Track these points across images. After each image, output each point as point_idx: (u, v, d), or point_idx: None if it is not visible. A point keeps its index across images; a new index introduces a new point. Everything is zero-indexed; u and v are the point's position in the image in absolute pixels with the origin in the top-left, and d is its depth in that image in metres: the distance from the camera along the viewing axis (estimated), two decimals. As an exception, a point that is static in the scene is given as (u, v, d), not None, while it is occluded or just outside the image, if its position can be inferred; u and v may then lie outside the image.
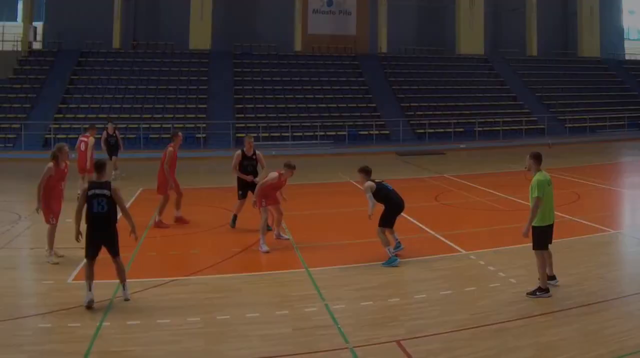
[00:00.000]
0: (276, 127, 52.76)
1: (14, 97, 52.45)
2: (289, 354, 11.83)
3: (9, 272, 17.31)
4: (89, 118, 49.29)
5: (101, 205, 14.26)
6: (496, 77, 65.86)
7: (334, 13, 67.39)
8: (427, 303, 14.29)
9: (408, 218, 23.11)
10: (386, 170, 37.41)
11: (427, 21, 70.49)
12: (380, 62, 64.49)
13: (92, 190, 14.31)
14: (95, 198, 14.24)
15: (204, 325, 13.26)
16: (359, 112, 56.21)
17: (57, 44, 60.18)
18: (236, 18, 65.08)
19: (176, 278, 16.28)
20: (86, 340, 12.20)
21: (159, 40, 62.09)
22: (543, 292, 14.72)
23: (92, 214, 14.26)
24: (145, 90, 55.18)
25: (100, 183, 14.43)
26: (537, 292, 14.73)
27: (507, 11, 71.24)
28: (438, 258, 18.19)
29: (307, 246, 19.73)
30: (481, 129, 55.85)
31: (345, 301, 14.47)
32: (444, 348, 11.85)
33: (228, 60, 61.00)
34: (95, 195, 14.25)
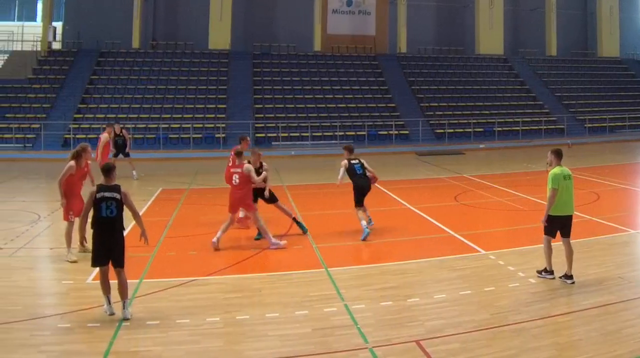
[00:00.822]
0: (295, 127, 52.64)
1: (33, 97, 52.47)
2: (308, 354, 11.84)
3: (28, 271, 17.35)
4: (109, 118, 49.44)
5: (110, 209, 13.68)
6: (515, 77, 65.60)
7: (353, 13, 67.14)
8: (446, 303, 14.29)
9: (427, 218, 23.27)
10: (406, 170, 37.69)
11: (446, 21, 70.43)
12: (400, 62, 64.29)
13: (100, 193, 13.75)
14: (104, 202, 13.67)
15: (223, 325, 13.30)
16: (378, 112, 56.08)
17: (76, 43, 60.30)
18: (256, 18, 65.17)
19: (195, 278, 16.30)
20: (105, 340, 12.24)
21: (178, 40, 62.14)
22: (548, 273, 15.85)
23: (100, 218, 13.67)
24: (165, 90, 55.18)
25: (110, 187, 13.89)
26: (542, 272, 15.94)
27: (527, 11, 71.12)
28: (457, 258, 18.14)
29: (326, 246, 19.73)
30: (500, 129, 55.70)
31: (364, 301, 14.46)
32: (464, 348, 11.85)
33: (247, 60, 60.94)
34: (105, 198, 13.70)
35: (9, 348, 11.95)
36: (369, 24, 67.44)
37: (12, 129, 48.44)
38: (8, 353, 11.75)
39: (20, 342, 12.22)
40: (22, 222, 23.32)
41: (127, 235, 19.24)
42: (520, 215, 23.42)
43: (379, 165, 38.47)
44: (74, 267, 17.51)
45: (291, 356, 11.72)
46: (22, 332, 12.67)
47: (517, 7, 71.30)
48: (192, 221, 23.24)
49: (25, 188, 31.97)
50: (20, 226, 22.57)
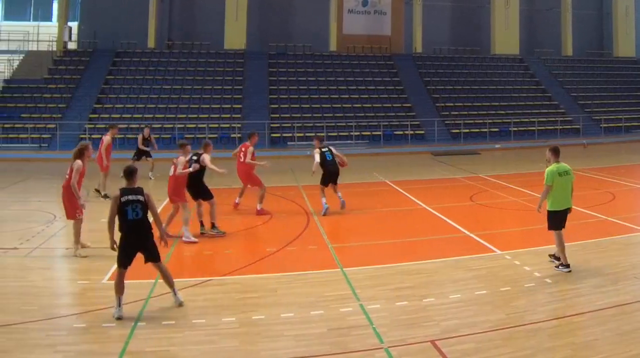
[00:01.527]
0: (311, 127, 52.53)
1: (49, 97, 52.59)
2: (324, 354, 11.86)
3: (44, 272, 17.38)
4: (124, 118, 49.75)
5: (135, 212, 13.89)
6: (531, 77, 65.51)
7: (369, 13, 67.13)
8: (462, 303, 14.28)
9: (443, 218, 23.28)
10: (421, 170, 37.67)
11: (462, 21, 70.46)
12: (415, 62, 64.30)
13: (125, 196, 13.93)
14: (129, 205, 13.88)
15: (239, 325, 13.31)
16: (394, 112, 56.06)
17: (92, 43, 60.48)
18: (271, 18, 65.33)
19: (211, 278, 16.32)
20: (121, 340, 12.26)
21: (194, 40, 62.24)
22: (564, 266, 16.32)
23: (127, 222, 13.85)
24: (180, 90, 55.26)
25: (133, 190, 14.13)
26: (559, 266, 16.42)
27: (542, 11, 71.06)
28: (473, 258, 18.12)
29: (342, 246, 19.76)
30: (516, 129, 55.62)
31: (380, 301, 14.45)
32: (479, 348, 11.84)
33: (263, 60, 61.01)
34: (129, 201, 13.90)
35: (26, 349, 11.97)
36: (384, 23, 67.43)
37: (28, 129, 48.54)
38: (24, 353, 11.78)
39: (36, 342, 12.25)
40: (38, 222, 23.36)
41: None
42: (536, 215, 23.20)
43: (394, 165, 38.65)
44: (89, 267, 17.55)
45: (307, 356, 11.73)
46: (38, 332, 12.69)
47: (533, 7, 71.28)
48: (207, 221, 23.26)
49: (41, 188, 32.03)
50: (35, 226, 22.61)
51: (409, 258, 18.18)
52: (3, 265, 17.83)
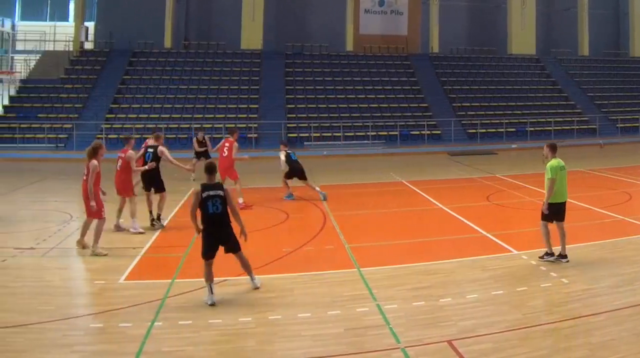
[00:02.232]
0: (327, 127, 52.71)
1: (65, 97, 52.76)
2: (340, 354, 11.84)
3: (61, 271, 17.42)
4: (141, 118, 50.00)
5: (216, 206, 14.72)
6: (548, 77, 65.39)
7: (385, 13, 67.19)
8: (478, 303, 14.26)
9: (460, 218, 23.26)
10: (438, 170, 37.71)
11: (478, 21, 70.46)
12: (432, 62, 64.28)
13: (205, 192, 14.75)
14: (210, 200, 14.71)
15: (255, 324, 13.31)
16: (410, 112, 56.02)
17: (108, 43, 60.68)
18: (288, 18, 65.41)
19: (227, 278, 16.27)
20: (137, 340, 12.26)
21: (210, 40, 62.39)
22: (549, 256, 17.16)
23: (208, 216, 14.75)
24: (197, 90, 55.37)
25: (213, 185, 14.92)
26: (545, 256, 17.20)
27: (559, 11, 70.95)
28: (490, 258, 18.07)
29: (358, 246, 19.67)
30: (533, 129, 55.44)
31: (397, 301, 14.44)
32: (496, 348, 11.82)
33: (280, 60, 61.09)
34: (210, 196, 14.73)
35: (42, 349, 11.98)
36: (401, 23, 67.46)
37: (45, 129, 48.67)
38: (41, 353, 11.80)
39: (53, 341, 12.26)
40: (55, 221, 23.43)
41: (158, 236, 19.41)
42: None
43: (411, 166, 38.73)
44: (106, 267, 17.57)
45: (323, 356, 11.73)
46: (55, 332, 12.71)
47: (550, 7, 71.19)
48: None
49: (58, 188, 32.11)
50: (52, 226, 22.68)
51: (426, 258, 18.17)
52: (20, 265, 17.85)
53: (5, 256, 18.45)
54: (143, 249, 19.23)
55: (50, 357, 11.71)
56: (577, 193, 26.48)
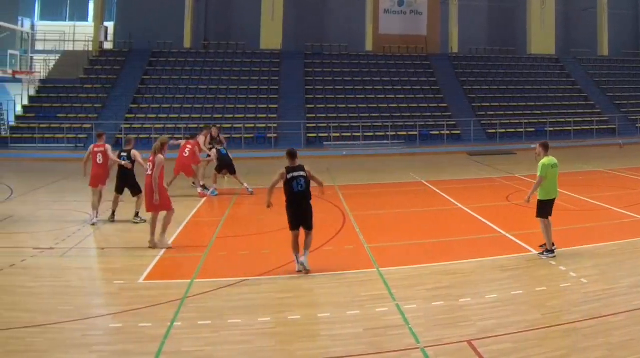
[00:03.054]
0: (347, 127, 52.86)
1: (85, 97, 53.07)
2: (360, 354, 11.80)
3: (80, 271, 17.45)
4: (160, 118, 50.26)
5: (300, 185, 17.05)
6: (567, 77, 65.39)
7: (405, 13, 67.10)
8: (498, 303, 14.22)
9: (479, 218, 23.32)
10: (457, 170, 37.72)
11: (498, 21, 70.43)
12: (452, 62, 64.37)
13: (290, 173, 17.08)
14: (294, 180, 17.03)
15: (274, 325, 13.31)
16: (430, 112, 56.18)
17: (128, 43, 60.84)
18: (307, 18, 65.48)
19: (247, 278, 16.29)
20: (157, 340, 12.26)
21: (230, 40, 62.51)
22: (549, 253, 17.34)
23: (293, 194, 17.05)
24: (216, 90, 55.58)
25: (296, 167, 17.18)
26: (544, 253, 17.38)
27: (578, 11, 70.77)
28: (509, 258, 18.04)
29: (378, 246, 19.66)
30: (552, 129, 55.42)
31: (416, 301, 14.42)
32: (515, 348, 11.78)
33: (299, 60, 61.24)
34: (294, 177, 17.06)
35: (62, 348, 12.00)
36: (420, 23, 67.38)
37: (64, 129, 48.96)
38: (60, 353, 11.81)
39: (72, 342, 12.29)
40: (74, 222, 23.47)
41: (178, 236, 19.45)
42: (572, 215, 23.27)
43: (430, 165, 38.79)
44: (125, 267, 17.60)
45: (343, 356, 11.69)
46: (74, 332, 12.72)
47: (569, 7, 71.00)
48: (244, 221, 23.30)
49: (77, 188, 32.04)
50: (71, 226, 22.72)
51: (445, 258, 18.15)
52: (39, 265, 17.87)
53: (24, 256, 18.49)
54: (162, 249, 19.17)
55: (69, 356, 11.73)
56: (596, 193, 26.33)
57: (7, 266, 17.39)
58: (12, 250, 19.42)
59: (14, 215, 24.72)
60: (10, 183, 33.01)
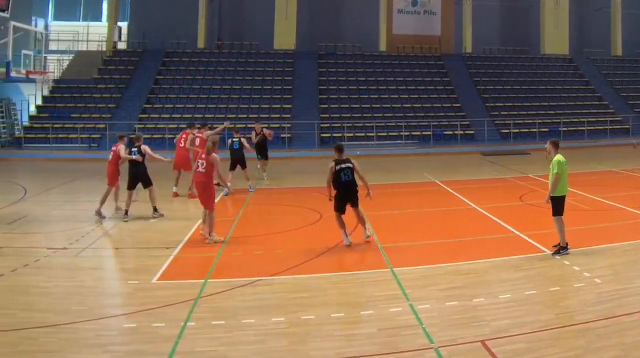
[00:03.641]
0: (361, 127, 52.87)
1: (98, 97, 53.15)
2: (373, 354, 11.79)
3: (94, 271, 17.47)
4: (174, 118, 50.23)
5: (347, 175, 19.49)
6: (581, 77, 65.31)
7: (418, 13, 67.24)
8: (511, 303, 14.19)
9: (493, 218, 23.28)
10: (471, 170, 37.71)
11: (511, 21, 70.30)
12: (465, 62, 64.34)
13: (338, 165, 19.43)
14: (342, 171, 19.42)
15: (288, 325, 13.29)
16: (443, 112, 56.15)
17: (141, 43, 60.98)
18: (321, 18, 65.43)
19: (261, 278, 16.27)
20: (170, 340, 12.27)
21: (243, 40, 62.57)
22: (565, 250, 17.63)
23: (341, 183, 19.47)
24: (230, 90, 55.56)
25: (343, 160, 19.60)
26: (560, 251, 17.44)
27: (592, 11, 70.66)
28: (523, 258, 17.98)
29: (391, 246, 19.63)
30: (566, 129, 55.39)
31: (430, 301, 14.40)
32: (529, 348, 11.75)
33: (313, 60, 61.22)
34: (342, 168, 19.44)
35: (75, 348, 12.03)
36: (434, 23, 67.53)
37: (78, 129, 49.03)
38: (74, 353, 11.84)
39: (86, 341, 12.31)
40: (88, 222, 23.48)
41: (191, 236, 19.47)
42: (586, 215, 23.23)
43: (444, 165, 38.80)
44: (139, 266, 17.67)
45: (356, 356, 11.68)
46: (87, 332, 12.75)
47: (582, 7, 70.86)
48: (258, 221, 23.31)
49: (91, 188, 32.11)
50: (85, 226, 22.73)
51: (459, 258, 18.13)
52: (53, 265, 17.92)
53: (38, 256, 18.53)
54: (176, 249, 19.24)
55: (82, 356, 11.75)
56: (610, 193, 26.23)
57: (21, 266, 17.42)
58: (25, 250, 19.44)
59: (27, 215, 24.75)
60: (24, 184, 33.12)
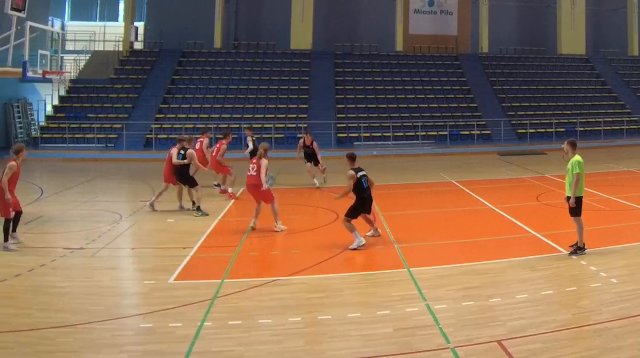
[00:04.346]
0: (377, 127, 52.79)
1: (115, 97, 53.16)
2: (390, 354, 11.80)
3: (110, 271, 17.50)
4: (190, 118, 50.29)
5: (367, 182, 19.72)
6: (597, 77, 65.02)
7: (435, 13, 66.94)
8: (528, 303, 14.20)
9: (509, 218, 23.27)
10: (487, 170, 37.67)
11: (528, 21, 70.07)
12: (482, 62, 64.09)
13: (359, 173, 19.66)
14: (363, 178, 19.64)
15: (305, 325, 13.32)
16: (460, 112, 56.00)
17: (158, 43, 60.95)
18: (337, 18, 65.36)
19: (277, 278, 16.31)
20: (187, 341, 12.28)
21: (260, 40, 62.43)
22: (582, 250, 17.82)
23: (364, 189, 19.58)
24: (247, 90, 55.50)
25: (360, 168, 19.95)
26: (577, 251, 17.45)
27: (608, 11, 70.32)
28: (539, 258, 17.98)
29: (408, 246, 19.66)
30: (582, 129, 55.16)
31: (446, 301, 14.41)
32: (545, 348, 11.74)
33: (329, 60, 61.08)
34: (363, 175, 19.71)
35: (92, 348, 12.07)
36: (450, 23, 67.22)
37: (94, 129, 49.02)
38: (90, 353, 11.87)
39: (102, 342, 12.33)
40: (104, 221, 23.50)
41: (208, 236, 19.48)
42: (602, 216, 23.17)
43: (461, 165, 38.88)
44: (155, 267, 17.70)
45: (373, 356, 11.69)
46: (104, 332, 12.77)
47: (599, 7, 70.52)
48: (274, 221, 23.33)
49: (107, 188, 32.22)
50: (102, 226, 22.75)
51: (475, 258, 18.15)
52: (70, 265, 17.96)
53: (54, 256, 18.57)
54: (193, 249, 19.28)
55: (99, 356, 11.77)
56: (627, 193, 26.18)
57: (38, 266, 17.45)
58: (42, 250, 19.47)
59: (44, 215, 24.72)
60: (41, 184, 33.18)
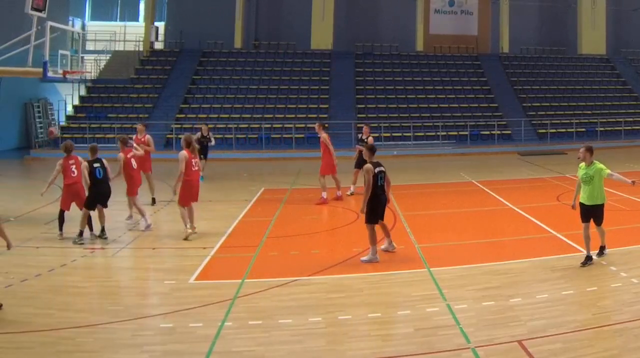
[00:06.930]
0: (398, 127, 52.70)
1: (135, 97, 53.25)
2: (410, 354, 11.82)
3: (131, 271, 17.71)
4: (211, 118, 50.08)
5: (382, 179, 18.30)
6: (618, 77, 64.74)
7: (455, 13, 66.91)
8: (548, 303, 14.18)
9: (529, 218, 23.26)
10: (508, 170, 37.66)
11: (548, 21, 69.82)
12: (502, 62, 63.90)
13: (376, 168, 18.17)
14: (379, 174, 18.21)
15: (325, 325, 13.36)
16: (480, 112, 55.80)
17: (178, 43, 60.91)
18: (358, 18, 65.24)
19: (297, 278, 16.31)
20: (208, 340, 12.31)
21: (280, 40, 62.36)
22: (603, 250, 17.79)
23: (379, 186, 18.16)
24: (267, 90, 55.51)
25: (378, 163, 18.52)
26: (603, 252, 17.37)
27: (629, 11, 69.95)
28: (559, 258, 17.98)
29: (428, 246, 19.67)
30: (603, 129, 54.91)
31: (467, 301, 14.42)
32: (566, 348, 11.73)
33: (350, 60, 60.95)
34: (380, 171, 18.25)
35: (112, 348, 12.11)
36: (471, 23, 67.17)
37: (115, 129, 48.89)
38: (111, 353, 11.93)
39: (123, 342, 12.38)
40: (125, 221, 23.69)
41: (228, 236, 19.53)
42: (623, 216, 23.11)
43: (481, 165, 38.92)
44: (176, 267, 17.75)
45: (393, 356, 11.72)
46: (124, 332, 12.82)
47: (620, 7, 70.16)
48: (294, 221, 23.34)
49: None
50: (122, 226, 22.94)
51: (496, 258, 18.18)
52: (90, 265, 18.12)
53: (75, 256, 18.66)
54: (213, 249, 19.34)
55: (120, 356, 11.84)
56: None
57: (58, 266, 17.53)
58: (63, 250, 19.62)
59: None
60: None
